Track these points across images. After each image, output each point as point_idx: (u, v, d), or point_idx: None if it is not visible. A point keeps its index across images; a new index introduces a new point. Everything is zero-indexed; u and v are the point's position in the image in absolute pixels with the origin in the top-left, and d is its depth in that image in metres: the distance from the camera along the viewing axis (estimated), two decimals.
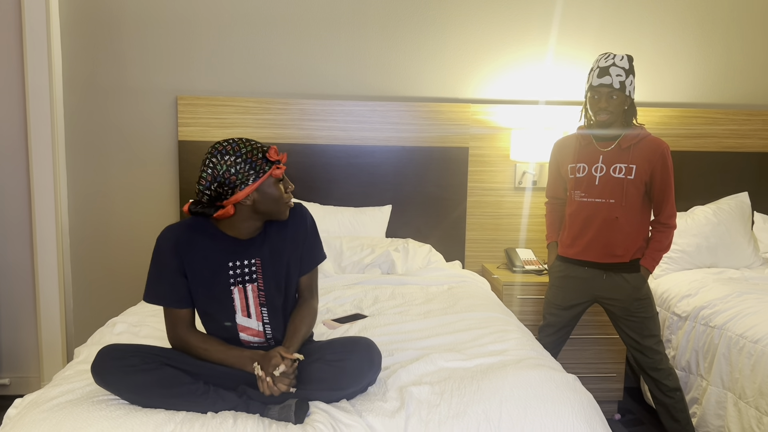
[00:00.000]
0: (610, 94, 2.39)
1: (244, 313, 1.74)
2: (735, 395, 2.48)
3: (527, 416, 1.56)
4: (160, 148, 3.29)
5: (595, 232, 2.50)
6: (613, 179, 2.45)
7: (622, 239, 2.47)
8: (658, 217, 2.50)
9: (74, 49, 3.19)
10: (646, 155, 2.43)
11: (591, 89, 2.43)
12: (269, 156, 1.66)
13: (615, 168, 2.45)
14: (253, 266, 1.74)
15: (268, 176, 1.66)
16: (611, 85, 2.38)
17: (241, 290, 1.73)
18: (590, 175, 2.50)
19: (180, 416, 1.52)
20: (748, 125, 3.48)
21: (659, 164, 2.43)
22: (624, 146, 2.45)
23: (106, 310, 3.31)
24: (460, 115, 3.33)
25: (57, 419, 1.49)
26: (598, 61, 2.44)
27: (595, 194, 2.48)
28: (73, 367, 1.85)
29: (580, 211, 2.53)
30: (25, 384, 3.24)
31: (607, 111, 2.40)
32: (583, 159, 2.52)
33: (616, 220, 2.46)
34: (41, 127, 3.06)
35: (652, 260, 2.50)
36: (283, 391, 1.57)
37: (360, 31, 3.32)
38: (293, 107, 3.27)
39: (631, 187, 2.44)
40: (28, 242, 3.18)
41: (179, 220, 3.28)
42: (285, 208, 1.72)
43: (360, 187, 3.33)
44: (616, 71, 2.38)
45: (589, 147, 2.52)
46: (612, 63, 2.39)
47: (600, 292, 2.56)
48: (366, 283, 2.82)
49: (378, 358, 1.68)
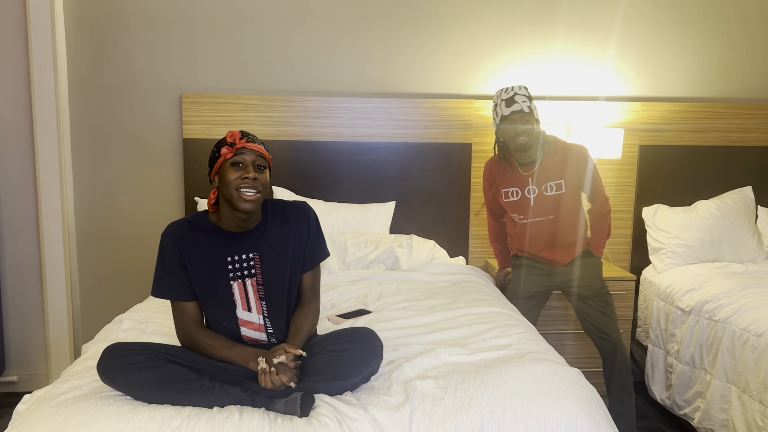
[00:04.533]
0: (523, 118, 2.54)
1: (245, 307, 1.76)
2: (739, 389, 2.49)
3: (531, 410, 1.57)
4: (165, 145, 3.30)
5: (545, 244, 2.71)
6: (548, 198, 2.64)
7: (570, 241, 2.69)
8: (593, 207, 2.72)
9: (79, 47, 3.21)
10: (571, 167, 2.62)
11: (503, 120, 2.57)
12: (226, 139, 1.73)
13: (545, 187, 2.63)
14: (251, 260, 1.76)
15: (222, 159, 1.72)
16: (521, 111, 2.54)
17: (241, 285, 1.76)
18: (524, 197, 2.67)
19: (186, 411, 1.53)
20: (752, 119, 3.48)
21: (585, 169, 2.64)
22: (548, 164, 2.63)
23: (113, 307, 3.33)
24: (463, 111, 3.34)
25: (65, 415, 1.51)
26: (499, 95, 2.60)
27: (534, 215, 2.67)
28: (81, 363, 1.87)
29: (524, 231, 2.73)
30: (33, 381, 3.27)
31: (524, 134, 2.55)
32: (514, 183, 2.69)
33: (559, 230, 2.67)
34: (47, 124, 3.08)
35: (599, 248, 2.75)
36: (284, 382, 1.58)
37: (363, 28, 3.32)
38: (297, 104, 3.28)
39: (566, 199, 2.63)
40: (35, 240, 3.20)
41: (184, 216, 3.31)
42: (236, 194, 1.69)
43: (364, 183, 3.34)
44: (520, 98, 2.55)
45: (515, 172, 2.68)
46: (514, 93, 2.56)
47: (566, 277, 2.71)
48: (370, 279, 2.83)
49: (379, 347, 1.70)
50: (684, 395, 2.82)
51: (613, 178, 3.45)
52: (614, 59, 3.44)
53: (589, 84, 3.44)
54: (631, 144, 3.42)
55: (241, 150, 1.71)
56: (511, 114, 2.55)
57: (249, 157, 1.72)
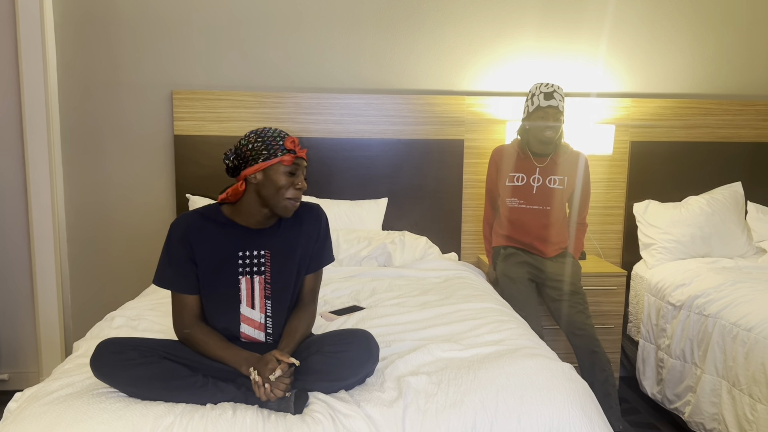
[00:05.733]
0: (557, 115, 2.73)
1: (249, 304, 1.76)
2: (729, 383, 2.51)
3: (523, 405, 1.58)
4: (156, 142, 3.29)
5: (536, 234, 2.86)
6: (549, 189, 2.84)
7: (555, 236, 2.86)
8: (577, 217, 2.93)
9: (69, 44, 3.19)
10: (573, 167, 2.87)
11: (538, 110, 2.74)
12: (285, 144, 1.71)
13: (550, 179, 2.84)
14: (262, 257, 1.77)
15: (278, 161, 1.70)
16: (558, 108, 2.73)
17: (249, 281, 1.76)
18: (528, 184, 2.86)
19: (179, 408, 1.53)
20: (742, 115, 3.50)
21: (584, 173, 2.88)
22: (558, 161, 2.84)
23: (105, 304, 3.31)
24: (455, 107, 3.34)
25: (57, 412, 1.50)
26: (539, 87, 2.75)
27: (533, 202, 2.85)
28: (73, 361, 1.86)
29: (518, 217, 2.88)
30: (24, 379, 3.25)
31: (553, 129, 2.75)
32: (521, 170, 2.87)
33: (549, 222, 2.85)
34: (37, 122, 3.05)
35: (577, 252, 2.96)
36: (279, 396, 1.57)
37: (355, 24, 3.32)
38: (288, 101, 3.27)
39: (562, 195, 2.86)
40: (26, 237, 3.18)
41: (175, 214, 3.30)
42: (285, 202, 1.72)
43: (356, 180, 3.34)
44: (558, 97, 2.73)
45: (527, 160, 2.86)
46: (554, 89, 2.73)
47: (552, 270, 2.83)
48: (363, 276, 2.83)
49: (376, 350, 1.70)
50: (675, 390, 2.84)
51: (604, 174, 3.47)
52: (605, 56, 3.45)
53: (581, 80, 3.45)
54: (622, 140, 3.44)
55: (300, 159, 1.74)
56: (548, 107, 2.72)
57: (302, 167, 1.75)
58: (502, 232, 2.94)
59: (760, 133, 3.52)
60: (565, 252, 2.91)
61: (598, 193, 3.47)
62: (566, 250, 2.92)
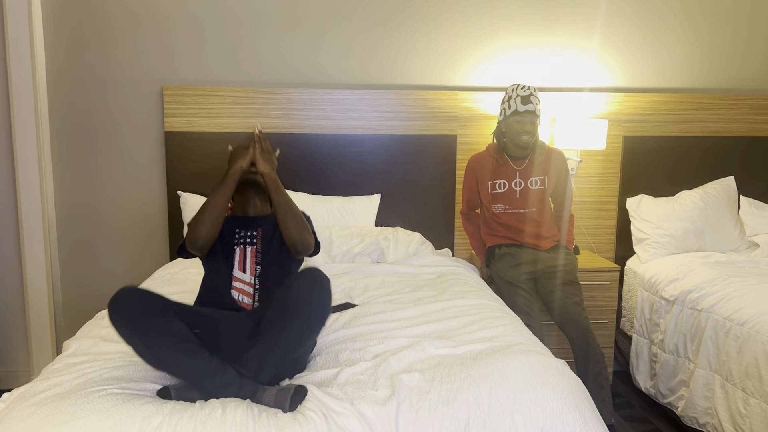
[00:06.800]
0: (533, 120, 2.76)
1: (241, 268, 1.98)
2: (722, 377, 2.51)
3: (516, 401, 1.57)
4: (147, 138, 3.26)
5: (527, 232, 2.89)
6: (532, 191, 2.87)
7: (546, 232, 2.89)
8: (561, 212, 2.99)
9: (57, 40, 3.15)
10: (553, 165, 2.90)
11: (515, 114, 2.77)
12: None
13: (531, 181, 2.87)
14: (254, 236, 2.04)
15: None
16: (534, 112, 2.76)
17: (242, 250, 2.01)
18: (511, 189, 2.88)
19: (168, 407, 1.51)
20: (734, 109, 3.50)
21: (563, 170, 2.94)
22: (535, 161, 2.88)
23: (95, 303, 3.29)
24: (448, 102, 3.33)
25: (45, 413, 1.48)
26: (515, 90, 2.79)
27: (518, 206, 2.88)
28: (62, 360, 1.84)
29: (507, 221, 2.90)
30: (15, 378, 3.22)
31: (530, 134, 2.78)
32: (501, 176, 2.89)
33: (538, 222, 2.87)
34: (26, 120, 3.02)
35: (570, 244, 2.97)
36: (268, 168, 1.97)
37: (347, 19, 3.30)
38: (280, 96, 3.25)
39: (544, 194, 2.89)
40: (15, 236, 3.15)
41: (167, 211, 3.28)
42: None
43: (349, 176, 3.32)
44: (534, 100, 2.76)
45: (505, 165, 2.89)
46: (531, 93, 2.76)
47: (549, 262, 2.83)
48: (356, 272, 2.82)
49: (324, 280, 1.72)
50: (668, 384, 2.84)
51: (597, 169, 3.46)
52: (598, 50, 3.44)
53: (574, 75, 3.44)
54: (615, 135, 3.43)
55: None
56: (525, 112, 2.75)
57: None
58: (495, 234, 2.95)
59: (753, 128, 3.52)
60: (558, 244, 2.93)
61: (591, 188, 3.47)
62: (560, 242, 2.94)
